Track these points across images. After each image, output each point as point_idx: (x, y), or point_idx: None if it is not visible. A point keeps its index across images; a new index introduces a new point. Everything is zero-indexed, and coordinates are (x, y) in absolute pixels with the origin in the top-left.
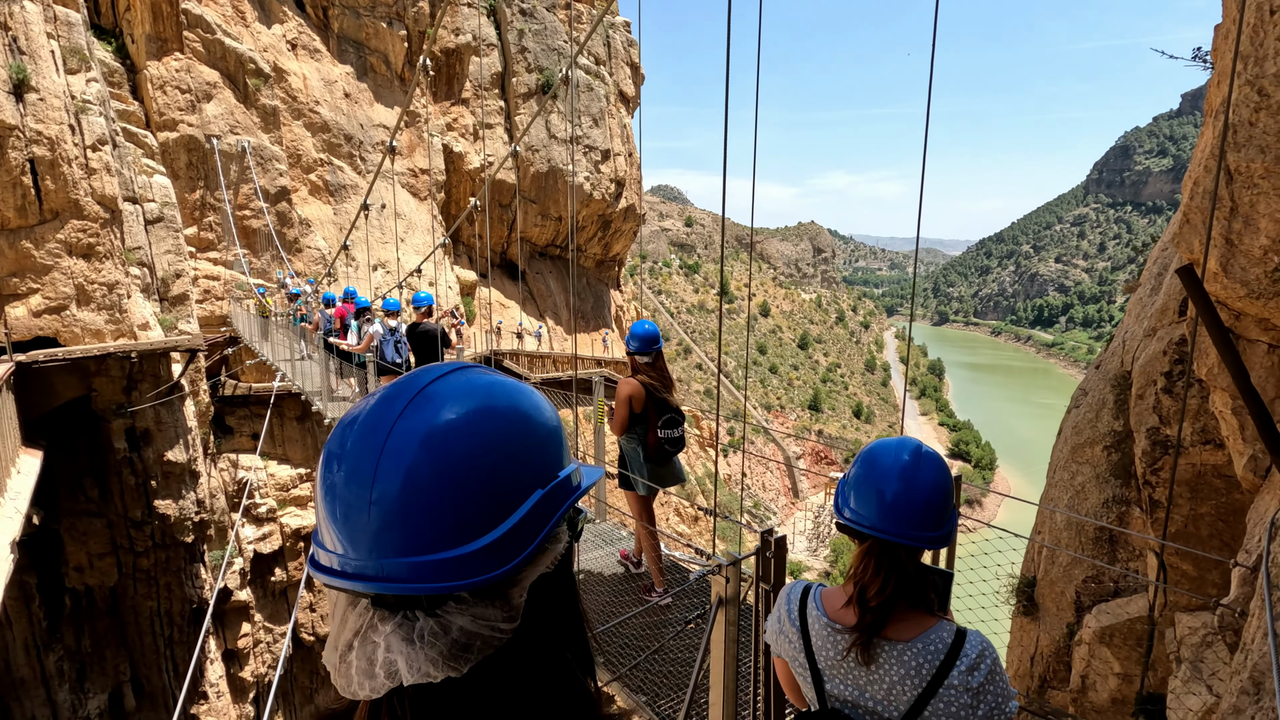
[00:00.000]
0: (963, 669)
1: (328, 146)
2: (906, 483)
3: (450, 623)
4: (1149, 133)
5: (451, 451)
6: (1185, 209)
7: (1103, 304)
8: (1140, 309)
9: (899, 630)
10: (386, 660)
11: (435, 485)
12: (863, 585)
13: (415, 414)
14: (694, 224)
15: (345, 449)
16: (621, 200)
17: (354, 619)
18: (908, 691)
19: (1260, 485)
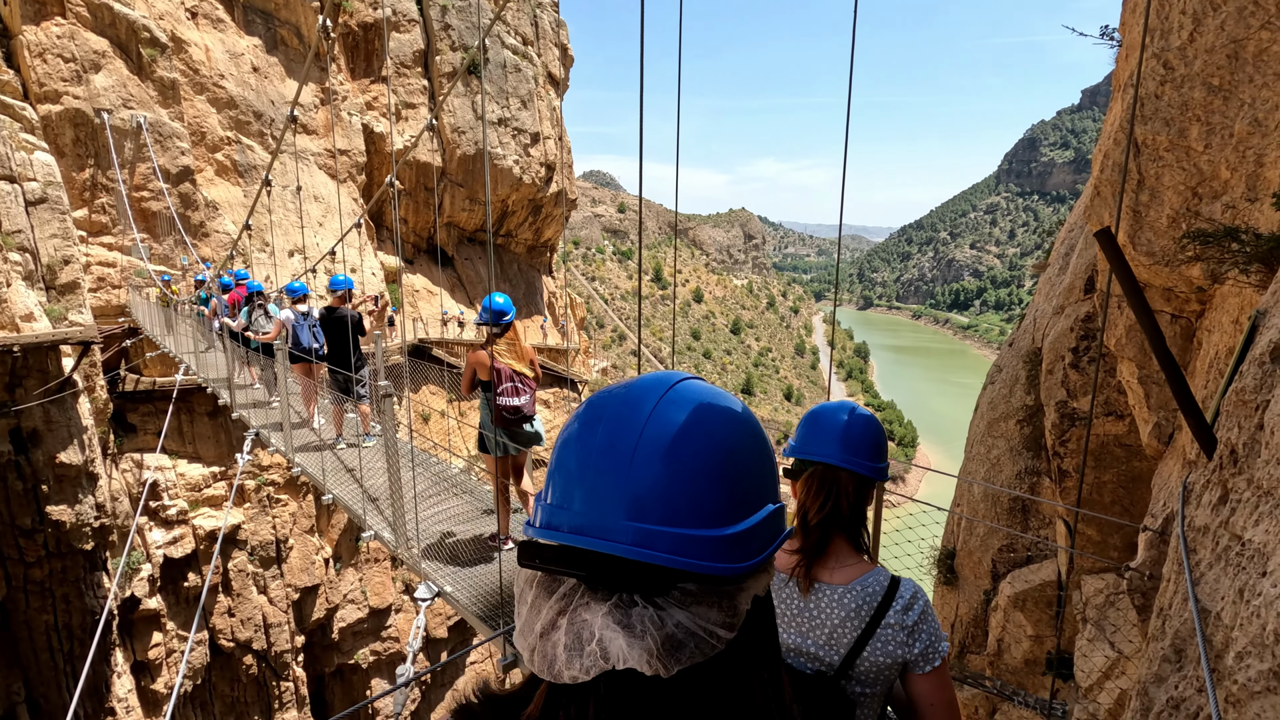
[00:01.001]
0: (898, 609)
1: (235, 124)
2: (846, 419)
3: (668, 616)
4: (1053, 126)
5: (718, 433)
6: (1095, 181)
7: (1013, 288)
8: (1049, 288)
9: (840, 575)
10: (601, 639)
11: (699, 459)
12: (804, 507)
13: (679, 395)
14: (627, 210)
15: (606, 415)
16: (552, 185)
17: (555, 600)
18: (848, 633)
19: (1164, 451)
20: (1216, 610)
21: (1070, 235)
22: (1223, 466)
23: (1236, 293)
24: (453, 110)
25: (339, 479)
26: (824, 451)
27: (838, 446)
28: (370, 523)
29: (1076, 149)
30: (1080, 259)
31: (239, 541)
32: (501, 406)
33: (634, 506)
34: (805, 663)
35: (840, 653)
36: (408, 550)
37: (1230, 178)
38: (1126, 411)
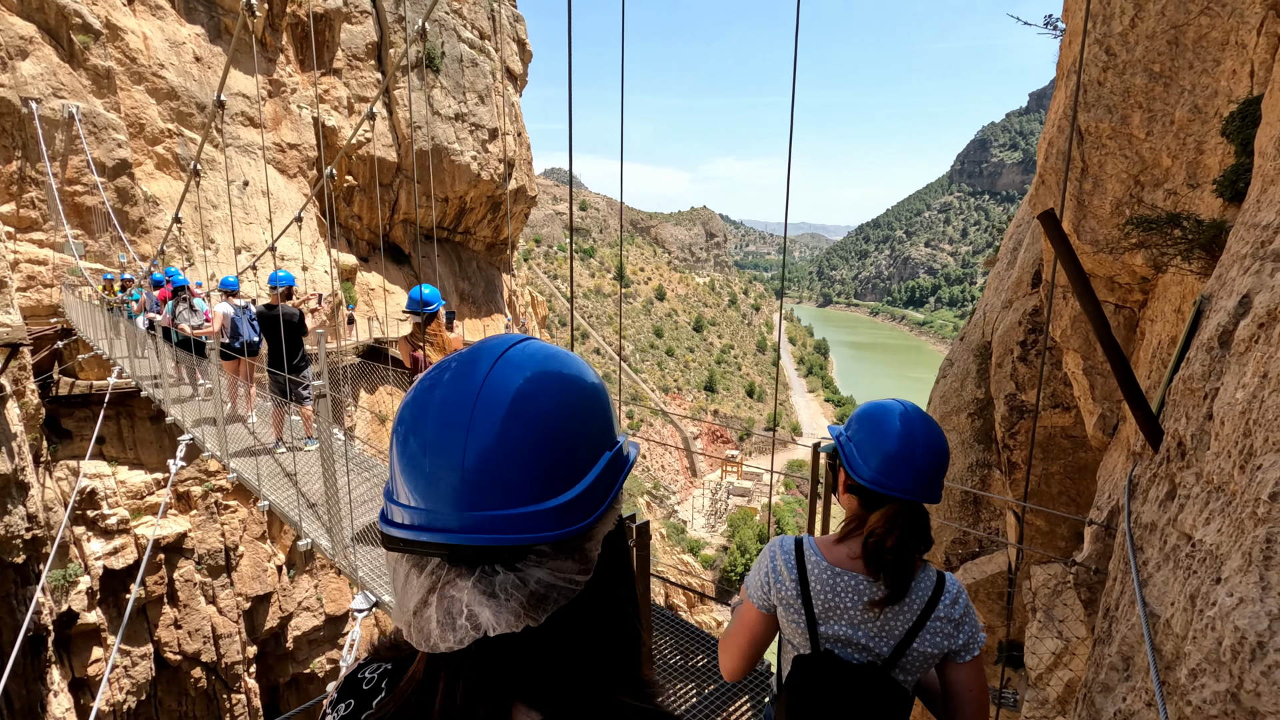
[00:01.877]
0: (946, 603)
1: (176, 115)
2: (923, 447)
3: (529, 576)
4: (1003, 128)
5: (541, 411)
6: (1040, 170)
7: (965, 285)
8: (998, 283)
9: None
10: (470, 613)
11: (526, 442)
12: (879, 539)
13: (501, 375)
14: (589, 208)
15: (431, 409)
16: (511, 181)
17: (424, 578)
18: (900, 626)
19: (1109, 443)
20: (1166, 616)
21: (1018, 230)
22: (1170, 459)
23: (1178, 281)
24: (407, 104)
25: (275, 484)
26: (907, 488)
27: (925, 483)
28: (307, 529)
29: (1025, 150)
30: (1027, 253)
31: (185, 550)
32: None
33: (466, 497)
34: (853, 653)
35: (891, 644)
36: (345, 558)
37: (1172, 165)
38: (1072, 403)
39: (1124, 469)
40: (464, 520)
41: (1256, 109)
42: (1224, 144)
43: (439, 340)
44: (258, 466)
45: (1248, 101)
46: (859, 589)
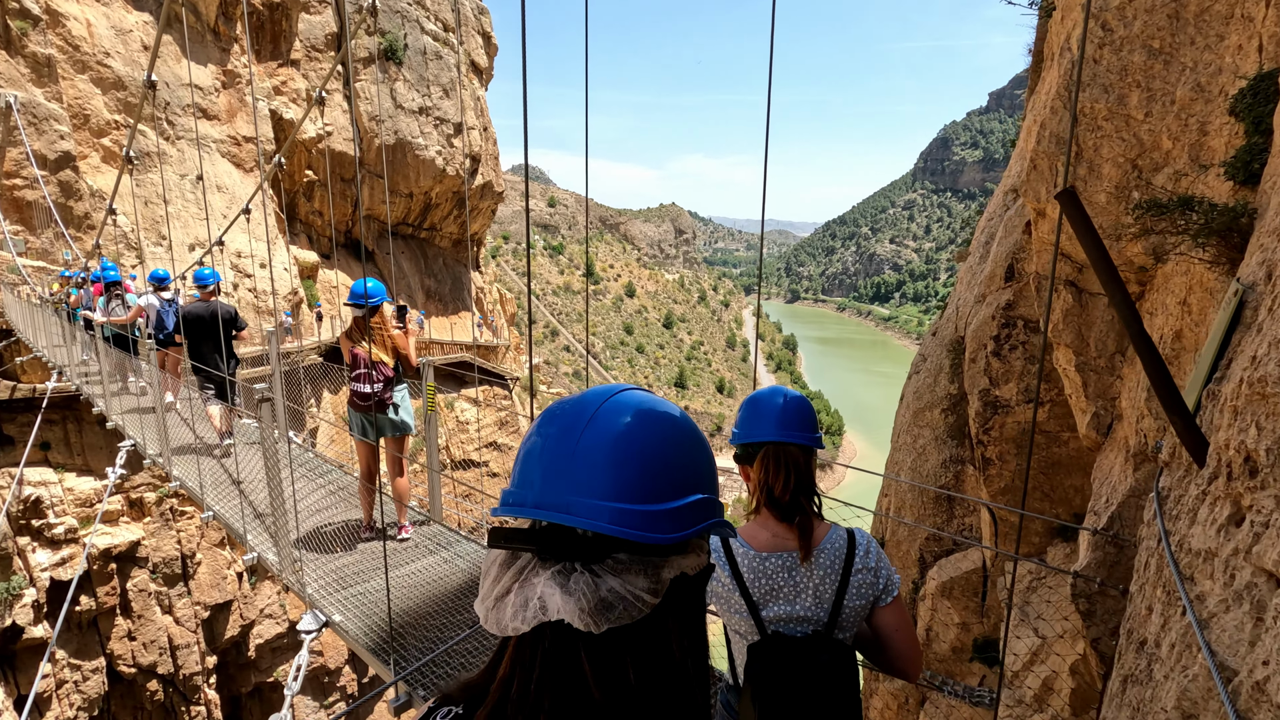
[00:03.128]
0: (861, 554)
1: (124, 106)
2: (782, 401)
3: (602, 581)
4: (964, 126)
5: (652, 427)
6: (1032, 155)
7: (929, 280)
8: (971, 277)
9: (816, 538)
10: (541, 598)
11: (635, 445)
12: (768, 485)
13: (621, 400)
14: (557, 204)
15: (556, 415)
16: (478, 177)
17: (512, 572)
18: (829, 588)
19: (1102, 443)
20: (1255, 676)
21: (990, 224)
22: (1233, 477)
23: (1183, 271)
24: (370, 97)
25: (221, 492)
26: (770, 432)
27: (781, 425)
28: (252, 542)
29: (985, 149)
30: (1000, 247)
31: (139, 559)
32: (352, 391)
33: (578, 484)
34: (795, 628)
35: (826, 608)
36: (294, 574)
37: (1172, 148)
38: (1046, 399)
39: (1123, 472)
40: (567, 503)
41: (1271, 84)
42: (1231, 124)
43: (383, 335)
44: (200, 473)
45: (1259, 77)
46: (787, 565)
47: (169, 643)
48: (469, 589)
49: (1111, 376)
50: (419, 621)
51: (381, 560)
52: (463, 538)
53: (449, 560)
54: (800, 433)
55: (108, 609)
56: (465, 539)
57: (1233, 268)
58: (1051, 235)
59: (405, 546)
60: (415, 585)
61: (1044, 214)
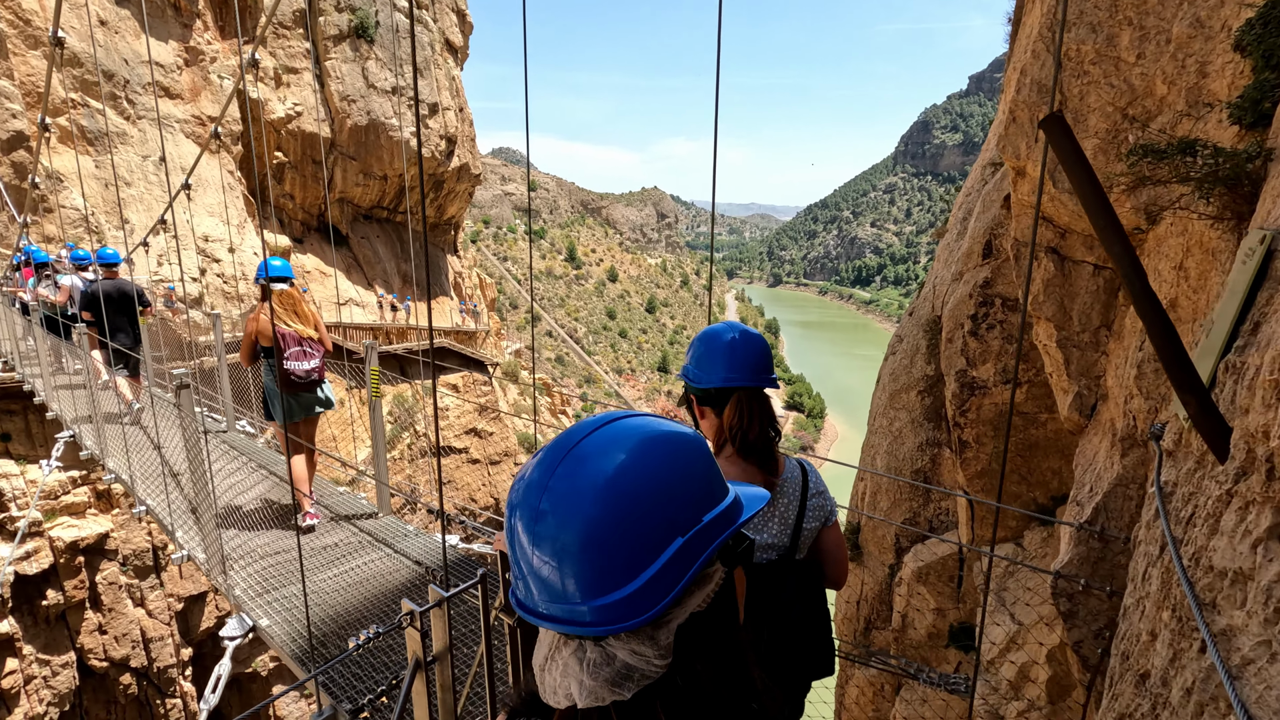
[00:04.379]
0: (813, 480)
1: (80, 84)
2: (748, 343)
3: (613, 654)
4: (944, 110)
5: (608, 502)
6: (1010, 106)
7: (910, 264)
8: (948, 254)
9: (780, 470)
10: (564, 684)
11: (574, 545)
12: (743, 430)
13: (565, 476)
14: (538, 188)
15: (517, 506)
16: (454, 159)
17: (547, 637)
18: (790, 515)
19: (1085, 426)
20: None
21: (968, 199)
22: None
23: (1179, 231)
24: (340, 76)
25: (152, 486)
26: (743, 378)
27: (753, 371)
28: (181, 539)
29: (965, 132)
30: (978, 223)
31: (108, 551)
32: (289, 371)
33: (541, 589)
34: (762, 555)
35: (788, 534)
36: (223, 575)
37: (1167, 93)
38: (1024, 379)
39: (1109, 458)
40: (550, 608)
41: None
42: (1235, 62)
43: (302, 313)
44: (131, 466)
45: (1271, 3)
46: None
47: (142, 636)
48: (413, 584)
49: (1096, 353)
50: (359, 621)
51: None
52: (410, 532)
53: (393, 556)
54: (768, 376)
55: (76, 603)
56: (414, 534)
57: (1239, 223)
58: (1032, 196)
59: (350, 541)
60: (357, 583)
61: (1024, 173)
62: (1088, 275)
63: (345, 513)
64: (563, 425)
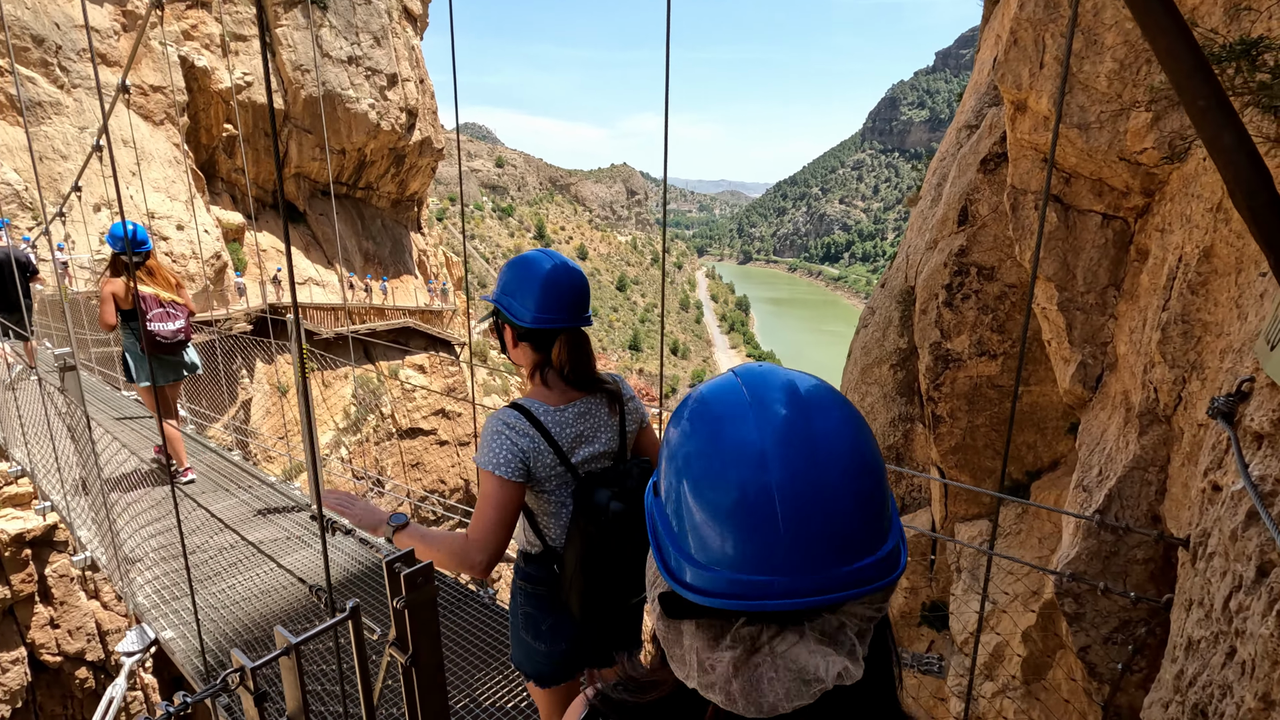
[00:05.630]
0: (625, 388)
1: (8, 50)
2: (572, 281)
3: (854, 616)
4: (911, 86)
5: (870, 443)
6: (1012, 26)
7: (878, 240)
8: (922, 222)
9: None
10: (815, 667)
11: (874, 481)
12: (571, 365)
13: (820, 406)
14: (505, 165)
15: (772, 458)
16: (415, 132)
17: (730, 641)
18: (614, 423)
19: (1089, 400)
20: None
21: (942, 164)
22: None
23: (1212, 168)
24: (293, 45)
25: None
26: (569, 318)
27: (576, 311)
28: (83, 537)
29: (931, 109)
30: (953, 187)
31: (57, 543)
32: (154, 333)
33: (836, 556)
34: (598, 464)
35: (616, 439)
36: (125, 580)
37: (1199, 3)
38: (1000, 351)
39: (1122, 437)
40: (828, 580)
41: None
42: None
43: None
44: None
45: None
46: (581, 412)
47: (97, 628)
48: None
49: (1103, 316)
50: (271, 631)
51: (236, 557)
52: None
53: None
54: (586, 315)
55: (25, 597)
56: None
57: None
58: (1034, 134)
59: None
60: (281, 586)
61: (1025, 107)
62: (1095, 226)
63: (276, 505)
64: None
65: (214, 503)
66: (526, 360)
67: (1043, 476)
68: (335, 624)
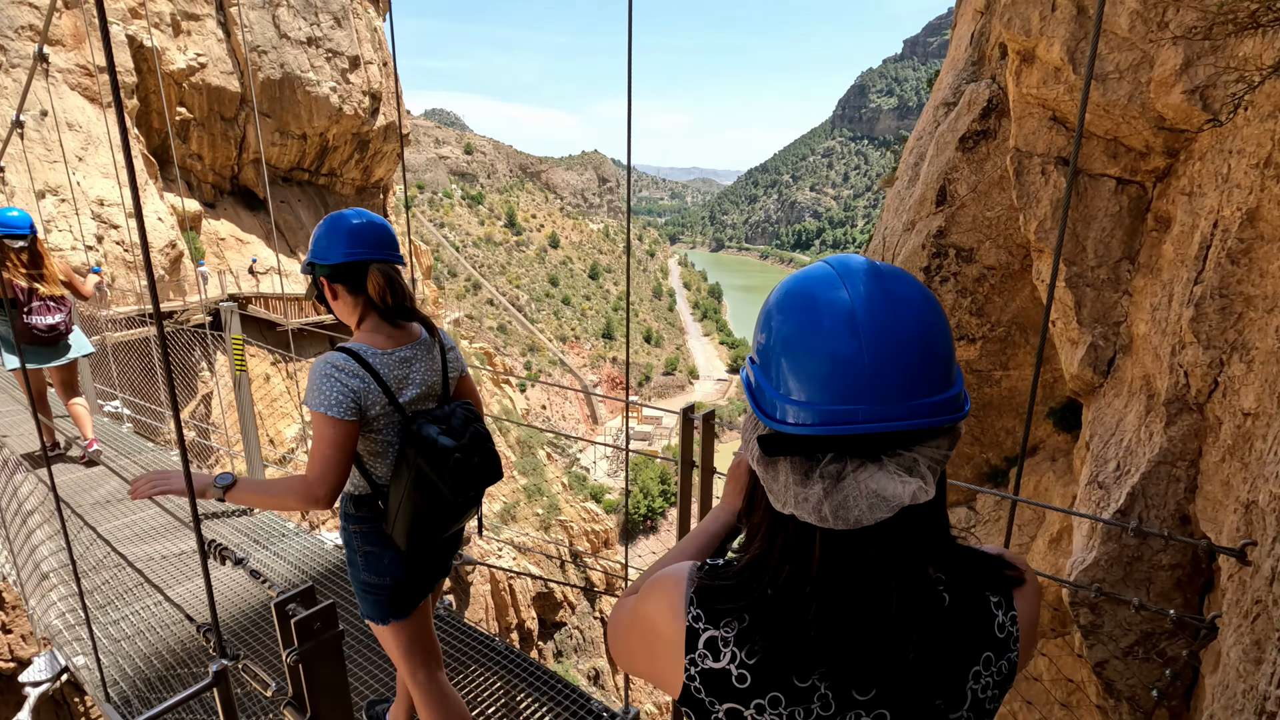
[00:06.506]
0: (444, 338)
1: None
2: (373, 224)
3: (925, 454)
4: (879, 74)
5: (938, 306)
6: None
7: (847, 228)
8: (898, 203)
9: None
10: (894, 489)
11: (941, 333)
12: (383, 299)
13: (898, 279)
14: (474, 151)
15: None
16: (379, 117)
17: (820, 472)
18: (438, 367)
19: (1101, 385)
20: None
21: (919, 143)
22: None
23: (1269, 112)
24: (248, 25)
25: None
26: (373, 252)
27: (380, 246)
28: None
29: (900, 96)
30: (931, 167)
31: None
32: (30, 325)
33: (911, 389)
34: (424, 404)
35: (440, 383)
36: (37, 597)
37: None
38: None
39: (1143, 428)
40: (904, 409)
41: None
42: None
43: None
44: None
45: None
46: (409, 357)
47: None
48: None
49: (1116, 293)
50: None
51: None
52: (290, 531)
53: (266, 563)
54: (395, 253)
55: None
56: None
57: None
58: (1042, 89)
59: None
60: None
61: (1032, 57)
62: (1108, 193)
63: (215, 510)
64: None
65: (142, 509)
66: (348, 308)
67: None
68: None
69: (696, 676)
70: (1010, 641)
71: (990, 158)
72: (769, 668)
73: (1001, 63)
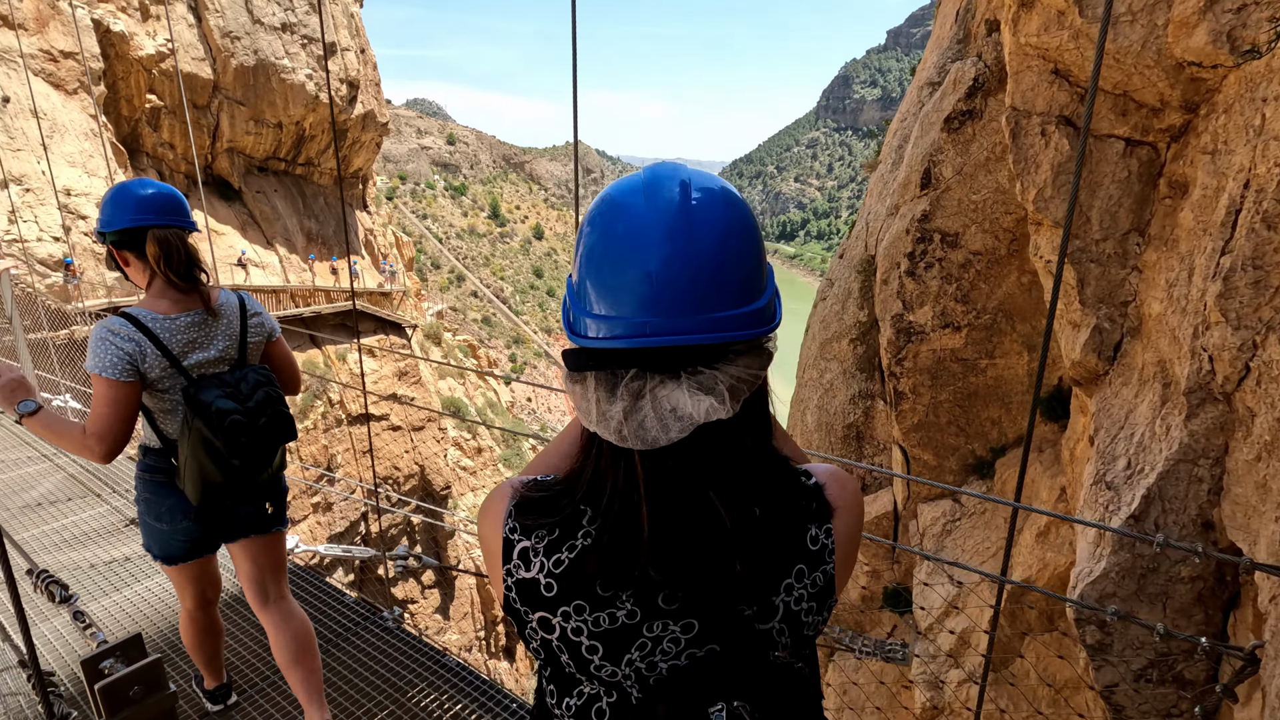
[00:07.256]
0: (250, 305)
1: None
2: (153, 191)
3: (727, 372)
4: (863, 65)
5: (744, 219)
6: None
7: (832, 219)
8: (883, 187)
9: (214, 295)
10: (687, 406)
11: (741, 246)
12: (167, 263)
13: (700, 185)
14: (457, 142)
15: (646, 223)
16: (357, 105)
17: (623, 389)
18: (234, 333)
19: (1107, 372)
20: None
21: (903, 125)
22: None
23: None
24: (220, 10)
25: None
26: (156, 217)
27: (164, 212)
28: None
29: (883, 87)
30: (916, 148)
31: None
32: None
33: (702, 302)
34: (213, 368)
35: (235, 348)
36: None
37: None
38: (964, 322)
39: (1158, 421)
40: (694, 323)
41: None
42: None
43: None
44: None
45: None
46: (196, 322)
47: None
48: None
49: (1124, 269)
50: None
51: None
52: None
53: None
54: (185, 219)
55: None
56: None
57: None
58: (1041, 37)
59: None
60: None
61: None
62: (1115, 157)
63: None
64: (489, 387)
65: (78, 510)
66: (139, 274)
67: (1007, 454)
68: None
69: (513, 587)
70: (825, 554)
71: (976, 139)
72: (571, 576)
73: (988, 40)
